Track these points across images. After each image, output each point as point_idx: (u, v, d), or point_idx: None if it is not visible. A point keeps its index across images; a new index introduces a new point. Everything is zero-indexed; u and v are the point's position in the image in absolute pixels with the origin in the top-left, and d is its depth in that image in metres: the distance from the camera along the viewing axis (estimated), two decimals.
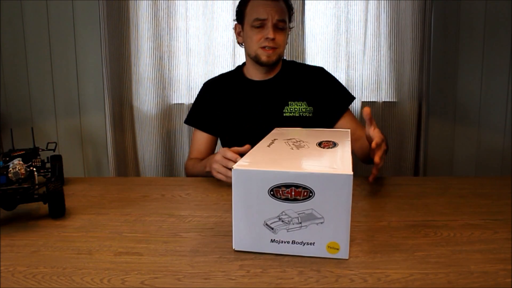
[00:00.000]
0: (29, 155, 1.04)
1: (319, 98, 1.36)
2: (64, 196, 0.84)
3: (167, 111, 1.81)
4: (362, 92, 1.78)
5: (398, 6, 1.71)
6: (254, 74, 1.37)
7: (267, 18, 1.25)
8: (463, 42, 1.82)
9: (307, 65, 1.45)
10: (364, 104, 1.78)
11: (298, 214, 0.64)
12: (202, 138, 1.41)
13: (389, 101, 1.80)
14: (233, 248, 0.69)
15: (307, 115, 1.33)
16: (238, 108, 1.36)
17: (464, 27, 1.81)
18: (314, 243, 0.65)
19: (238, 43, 1.39)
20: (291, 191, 0.63)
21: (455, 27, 1.81)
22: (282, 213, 0.64)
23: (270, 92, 1.35)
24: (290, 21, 1.35)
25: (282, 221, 0.65)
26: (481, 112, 1.86)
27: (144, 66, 1.75)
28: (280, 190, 0.63)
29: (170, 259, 0.67)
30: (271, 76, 1.37)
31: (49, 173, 1.05)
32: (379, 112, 1.80)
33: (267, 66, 1.32)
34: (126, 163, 1.82)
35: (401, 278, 0.60)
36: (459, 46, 1.82)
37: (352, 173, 0.62)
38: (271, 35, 1.25)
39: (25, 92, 1.86)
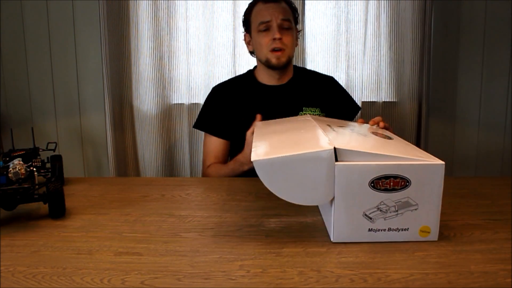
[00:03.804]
0: (29, 155, 1.04)
1: (330, 106, 1.37)
2: (64, 196, 0.84)
3: (167, 111, 1.81)
4: (362, 92, 1.78)
5: (398, 6, 1.71)
6: (267, 79, 1.37)
7: (271, 19, 1.27)
8: (463, 42, 1.82)
9: (318, 73, 1.47)
10: (364, 104, 1.78)
11: (395, 202, 0.69)
12: (217, 143, 1.37)
13: (389, 101, 1.80)
14: (332, 240, 0.71)
15: None
16: (251, 112, 1.31)
17: (464, 27, 1.81)
18: (408, 228, 0.71)
19: (250, 52, 1.39)
20: (390, 182, 0.68)
21: (455, 27, 1.81)
22: (380, 203, 0.69)
23: (284, 98, 1.35)
24: (296, 22, 1.36)
25: (380, 210, 0.69)
26: (481, 112, 1.86)
27: (144, 65, 1.75)
28: (380, 181, 0.68)
29: (170, 259, 0.67)
30: (284, 81, 1.37)
31: (49, 173, 1.05)
32: (379, 112, 1.79)
33: (278, 69, 1.32)
34: (126, 163, 1.82)
35: (401, 278, 0.60)
36: (459, 46, 1.82)
37: (443, 162, 0.69)
38: (277, 35, 1.26)
39: (25, 92, 1.86)
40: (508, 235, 0.74)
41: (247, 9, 1.36)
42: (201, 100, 1.78)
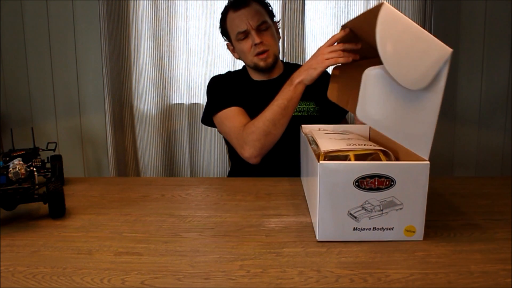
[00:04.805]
0: (29, 155, 1.04)
1: (326, 99, 1.35)
2: (64, 196, 0.84)
3: (167, 111, 1.81)
4: None
5: (398, 6, 1.71)
6: (258, 77, 1.39)
7: (247, 28, 1.28)
8: (463, 42, 1.82)
9: None
10: None
11: (380, 202, 0.69)
12: (239, 110, 1.29)
13: None
14: (317, 239, 0.72)
15: (315, 114, 1.34)
16: (247, 106, 1.33)
17: (464, 27, 1.81)
18: (393, 228, 0.71)
19: (237, 58, 1.40)
20: (375, 181, 0.68)
21: (455, 27, 1.81)
22: (365, 202, 0.69)
23: (277, 91, 1.32)
24: (273, 16, 1.36)
25: (365, 209, 0.70)
26: (481, 112, 1.86)
27: (144, 65, 1.75)
28: (365, 180, 0.68)
29: (170, 259, 0.67)
30: (275, 75, 1.38)
31: (49, 173, 1.04)
32: None
33: (268, 70, 1.34)
34: (126, 163, 1.82)
35: (401, 278, 0.60)
36: (459, 46, 1.82)
37: (429, 162, 0.68)
38: (257, 40, 1.27)
39: (25, 92, 1.86)
40: (508, 235, 0.74)
41: (221, 19, 1.37)
42: (201, 100, 1.79)
